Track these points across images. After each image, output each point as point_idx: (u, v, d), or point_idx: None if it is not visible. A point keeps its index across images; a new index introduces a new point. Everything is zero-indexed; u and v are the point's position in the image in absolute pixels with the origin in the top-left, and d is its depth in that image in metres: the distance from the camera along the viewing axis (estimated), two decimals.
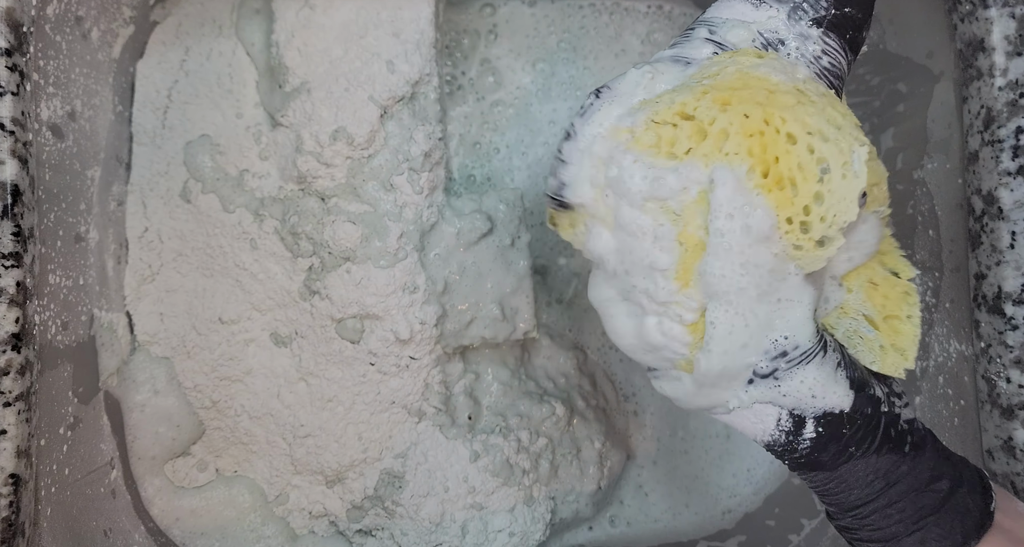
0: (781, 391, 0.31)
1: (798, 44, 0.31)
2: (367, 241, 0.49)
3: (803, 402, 0.31)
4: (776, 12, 0.31)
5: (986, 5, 0.40)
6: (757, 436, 0.32)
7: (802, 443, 0.31)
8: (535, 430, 0.54)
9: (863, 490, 0.31)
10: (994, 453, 0.41)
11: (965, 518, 0.31)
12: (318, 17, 0.48)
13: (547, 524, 0.53)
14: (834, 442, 0.31)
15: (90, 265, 0.47)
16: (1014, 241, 0.39)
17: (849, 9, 0.31)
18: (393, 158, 0.49)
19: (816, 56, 0.31)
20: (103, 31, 0.47)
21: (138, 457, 0.51)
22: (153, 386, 0.51)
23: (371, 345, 0.50)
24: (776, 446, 0.32)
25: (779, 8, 0.31)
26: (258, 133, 0.51)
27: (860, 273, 0.34)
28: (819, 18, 0.31)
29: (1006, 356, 0.40)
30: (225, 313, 0.51)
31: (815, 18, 0.31)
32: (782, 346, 0.31)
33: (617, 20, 0.59)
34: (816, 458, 0.31)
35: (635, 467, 0.60)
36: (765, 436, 0.32)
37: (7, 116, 0.36)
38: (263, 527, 0.52)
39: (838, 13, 0.31)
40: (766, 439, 0.32)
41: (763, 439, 0.32)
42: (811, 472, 0.32)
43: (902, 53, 0.49)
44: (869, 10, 0.32)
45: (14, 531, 0.36)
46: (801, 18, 0.31)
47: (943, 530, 0.31)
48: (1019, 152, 0.39)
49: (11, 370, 0.36)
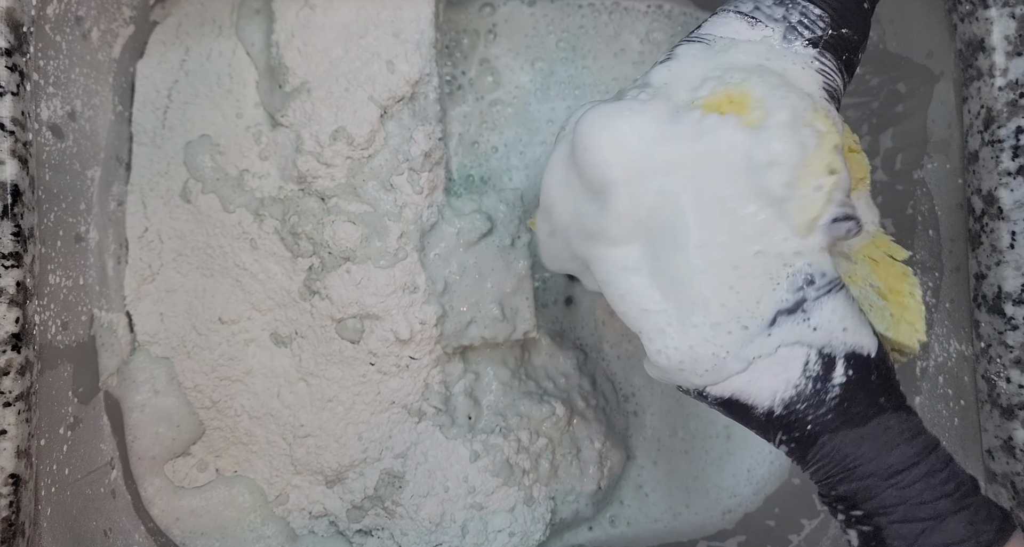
0: (811, 324, 0.29)
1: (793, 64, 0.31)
2: (367, 241, 0.49)
3: (834, 336, 0.29)
4: (771, 32, 0.31)
5: (986, 5, 0.40)
6: (777, 393, 0.29)
7: (831, 390, 0.28)
8: (535, 430, 0.54)
9: (905, 448, 0.28)
10: (994, 453, 0.41)
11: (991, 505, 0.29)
12: (318, 17, 0.48)
13: (547, 524, 0.53)
14: (863, 390, 0.28)
15: (90, 265, 0.47)
16: (1014, 241, 0.40)
17: (846, 30, 0.31)
18: (393, 158, 0.49)
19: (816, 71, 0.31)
20: (103, 31, 0.47)
21: (138, 457, 0.51)
22: (153, 386, 0.51)
23: (371, 345, 0.50)
24: (800, 401, 0.29)
25: (774, 28, 0.31)
26: (258, 133, 0.51)
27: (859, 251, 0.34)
28: (815, 38, 0.31)
29: (1006, 356, 0.40)
30: (225, 313, 0.51)
31: (811, 38, 0.31)
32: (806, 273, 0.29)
33: (616, 19, 0.59)
34: (846, 410, 0.28)
35: (635, 467, 0.60)
36: (788, 390, 0.29)
37: (7, 116, 0.36)
38: (263, 527, 0.52)
39: (835, 34, 0.31)
40: (789, 394, 0.29)
41: (785, 395, 0.29)
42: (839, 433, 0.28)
43: (902, 53, 0.49)
44: (865, 32, 0.32)
45: (14, 531, 0.36)
46: (796, 39, 0.31)
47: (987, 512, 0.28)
48: (1019, 152, 0.39)
49: (11, 370, 0.36)
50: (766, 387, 0.29)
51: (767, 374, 0.29)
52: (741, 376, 0.30)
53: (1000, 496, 0.41)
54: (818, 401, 0.29)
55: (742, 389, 0.30)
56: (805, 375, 0.29)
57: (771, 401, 0.29)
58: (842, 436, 0.28)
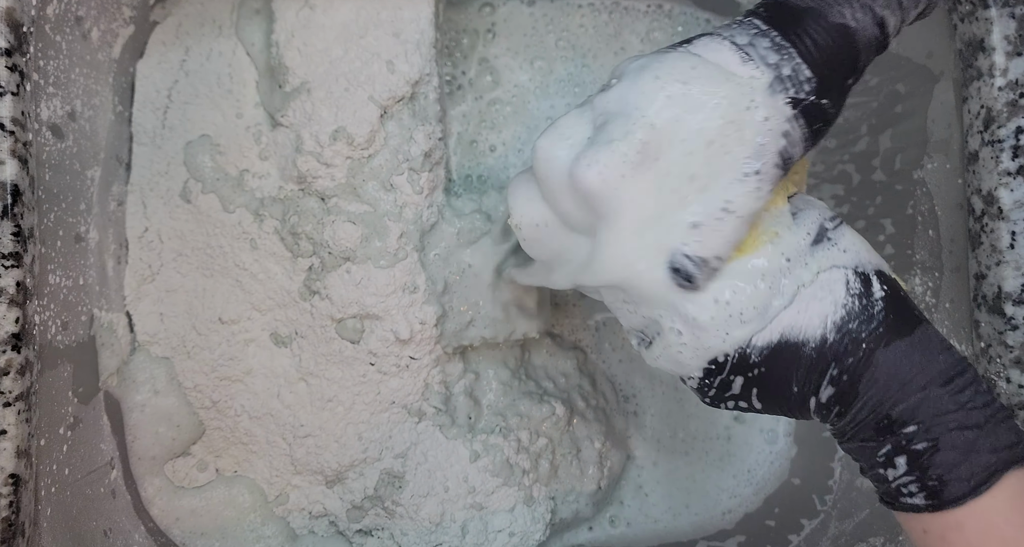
0: (841, 247, 0.31)
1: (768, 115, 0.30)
2: (367, 241, 0.49)
3: (861, 256, 0.31)
4: (760, 75, 0.31)
5: (986, 5, 0.40)
6: (828, 316, 0.30)
7: (876, 304, 0.30)
8: (535, 430, 0.54)
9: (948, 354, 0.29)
10: None
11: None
12: (318, 17, 0.48)
13: (547, 524, 0.53)
14: (899, 300, 0.30)
15: (90, 265, 0.47)
16: (1014, 241, 0.40)
17: (826, 102, 0.31)
18: (393, 158, 0.49)
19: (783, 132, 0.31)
20: (103, 31, 0.47)
21: (138, 457, 0.51)
22: (153, 386, 0.51)
23: (371, 345, 0.50)
24: (851, 320, 0.30)
25: (764, 71, 0.30)
26: (258, 133, 0.51)
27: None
28: (797, 100, 0.31)
29: (1006, 356, 0.40)
30: (225, 313, 0.51)
31: (793, 98, 0.30)
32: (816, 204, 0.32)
33: (616, 19, 0.59)
34: (893, 321, 0.29)
35: (635, 467, 0.60)
36: (838, 310, 0.30)
37: (7, 116, 0.36)
38: (263, 527, 0.52)
39: (816, 101, 0.31)
40: (840, 314, 0.30)
41: (836, 317, 0.30)
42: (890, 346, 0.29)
43: (902, 53, 0.49)
44: (840, 107, 0.32)
45: (14, 531, 0.36)
46: (781, 92, 0.30)
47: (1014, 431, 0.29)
48: (1019, 152, 0.39)
49: (11, 370, 0.36)
50: (816, 314, 0.30)
51: (813, 301, 0.30)
52: (788, 311, 0.30)
53: None
54: (868, 316, 0.30)
55: (791, 324, 0.30)
56: (849, 293, 0.30)
57: (823, 328, 0.30)
58: (894, 348, 0.29)
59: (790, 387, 0.31)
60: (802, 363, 0.31)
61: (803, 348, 0.30)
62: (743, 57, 0.31)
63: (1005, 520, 0.28)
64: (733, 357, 0.32)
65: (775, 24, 0.31)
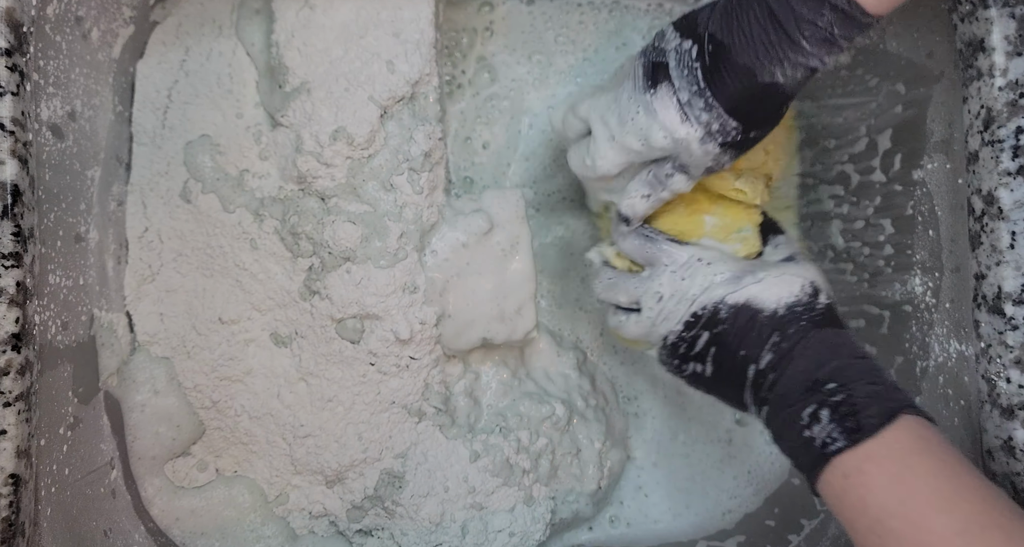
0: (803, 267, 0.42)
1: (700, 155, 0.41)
2: (367, 241, 0.49)
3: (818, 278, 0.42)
4: (694, 132, 0.40)
5: (986, 5, 0.40)
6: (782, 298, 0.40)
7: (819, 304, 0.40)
8: (535, 430, 0.54)
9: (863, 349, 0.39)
10: (994, 453, 0.41)
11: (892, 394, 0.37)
12: (318, 17, 0.48)
13: (547, 524, 0.53)
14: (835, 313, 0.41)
15: (90, 265, 0.47)
16: (1014, 241, 0.40)
17: (754, 133, 0.41)
18: (393, 158, 0.49)
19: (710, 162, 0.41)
20: (103, 31, 0.47)
21: (138, 457, 0.51)
22: (153, 386, 0.51)
23: (371, 345, 0.50)
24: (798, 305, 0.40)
25: (697, 129, 0.40)
26: (258, 133, 0.51)
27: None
28: (727, 142, 0.40)
29: (1006, 356, 0.40)
30: (225, 313, 0.51)
31: (722, 143, 0.40)
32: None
33: (617, 17, 0.59)
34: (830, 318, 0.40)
35: (635, 468, 0.60)
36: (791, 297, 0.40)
37: (7, 116, 0.36)
38: (263, 527, 0.52)
39: (743, 137, 0.40)
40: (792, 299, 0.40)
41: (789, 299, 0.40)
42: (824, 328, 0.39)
43: (902, 53, 0.49)
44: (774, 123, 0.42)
45: (14, 531, 0.36)
46: (710, 141, 0.40)
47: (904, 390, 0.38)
48: (1019, 152, 0.39)
49: (11, 370, 0.36)
50: (774, 294, 0.40)
51: (775, 285, 0.41)
52: (755, 285, 0.41)
53: None
54: (811, 307, 0.40)
55: (756, 294, 0.40)
56: (802, 291, 0.40)
57: (776, 304, 0.40)
58: (826, 331, 0.39)
59: (739, 349, 0.40)
60: (755, 326, 0.40)
61: (759, 314, 0.40)
62: (682, 117, 0.40)
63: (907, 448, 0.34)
64: (709, 310, 0.41)
65: (709, 80, 0.38)
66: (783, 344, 0.39)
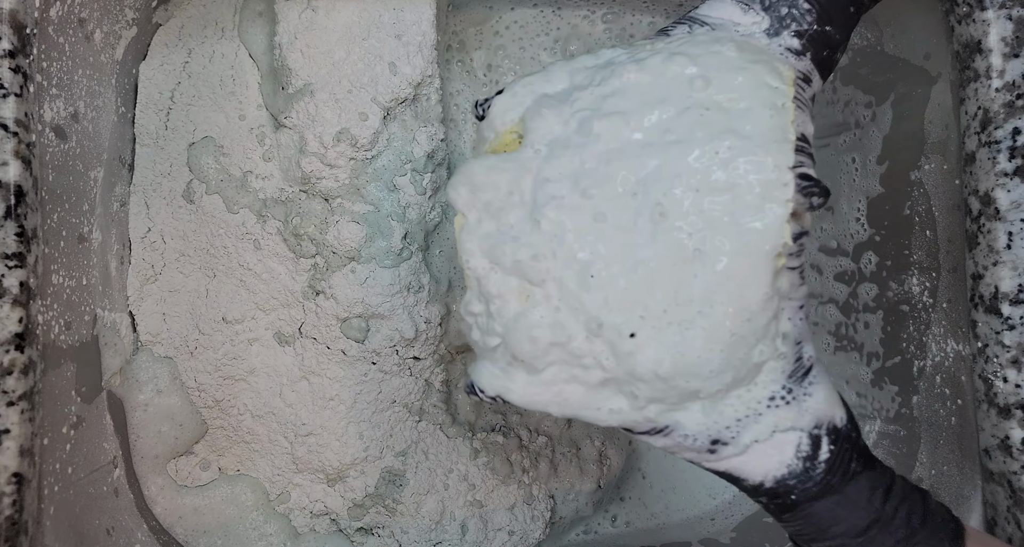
0: (806, 406, 0.30)
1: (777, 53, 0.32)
2: (371, 241, 0.49)
3: (820, 415, 0.30)
4: (760, 19, 0.33)
5: (983, 7, 0.40)
6: (770, 471, 0.31)
7: (818, 467, 0.30)
8: (535, 428, 0.54)
9: (868, 509, 0.30)
10: (991, 452, 0.41)
11: (944, 525, 0.31)
12: (321, 19, 0.48)
13: (547, 522, 0.53)
14: (842, 461, 0.30)
15: (93, 265, 0.47)
16: (1011, 241, 0.40)
17: (830, 28, 0.33)
18: (396, 159, 0.49)
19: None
20: (106, 33, 0.47)
21: (141, 456, 0.51)
22: (156, 385, 0.51)
23: (375, 344, 0.50)
24: (791, 478, 0.30)
25: (764, 16, 0.33)
26: (261, 135, 0.51)
27: None
28: (801, 31, 0.32)
29: (1003, 356, 0.40)
30: (229, 313, 0.51)
31: (797, 31, 0.32)
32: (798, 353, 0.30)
33: (627, 25, 0.59)
34: (829, 481, 0.30)
35: (635, 467, 0.61)
36: (781, 469, 0.30)
37: (11, 117, 0.37)
38: (265, 525, 0.53)
39: (819, 29, 0.32)
40: (782, 472, 0.30)
41: (777, 473, 0.31)
42: (819, 502, 0.30)
43: (899, 55, 0.49)
44: (848, 33, 0.33)
45: (17, 529, 0.37)
46: (783, 30, 0.32)
47: (935, 541, 0.30)
48: (1016, 153, 0.39)
49: (15, 370, 0.37)
50: (760, 466, 0.31)
51: (763, 456, 0.31)
52: (738, 457, 0.31)
53: (997, 495, 0.41)
54: (807, 477, 0.30)
55: (737, 467, 0.31)
56: (797, 456, 0.30)
57: (763, 477, 0.31)
58: (820, 503, 0.30)
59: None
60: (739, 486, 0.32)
61: (743, 482, 0.32)
62: (743, 8, 0.33)
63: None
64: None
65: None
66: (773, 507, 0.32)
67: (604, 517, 0.60)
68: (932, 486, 0.48)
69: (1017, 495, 0.40)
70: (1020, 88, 0.39)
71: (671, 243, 0.28)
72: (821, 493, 0.30)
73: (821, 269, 0.59)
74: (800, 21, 0.32)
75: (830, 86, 0.57)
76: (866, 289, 0.55)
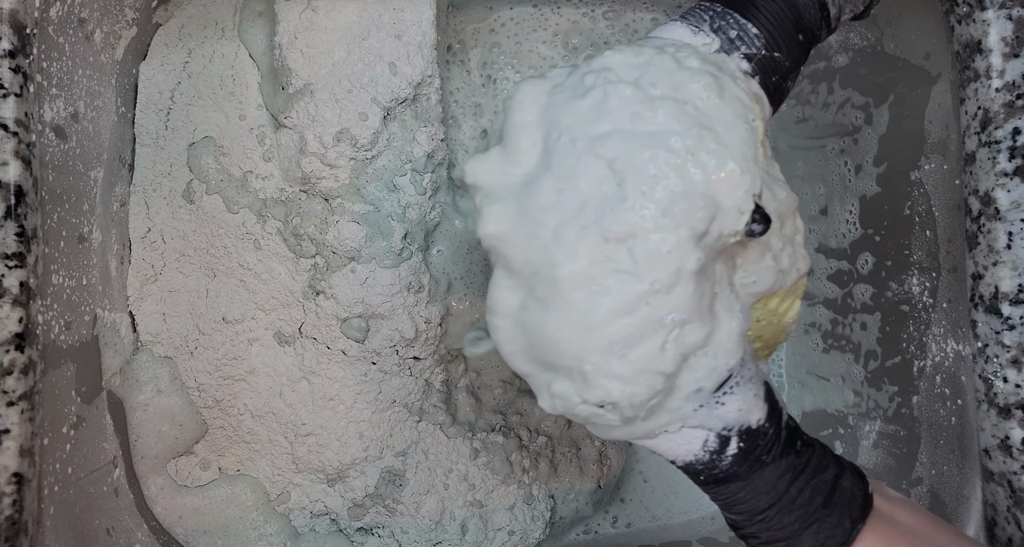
0: (716, 413, 0.32)
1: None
2: (371, 241, 0.49)
3: (731, 418, 0.32)
4: (711, 40, 0.33)
5: (983, 7, 0.40)
6: (679, 456, 0.33)
7: (725, 460, 0.32)
8: (535, 428, 0.54)
9: (770, 493, 0.32)
10: (991, 452, 0.41)
11: (851, 504, 0.32)
12: (321, 19, 0.48)
13: (547, 522, 0.53)
14: (750, 455, 0.32)
15: (93, 265, 0.47)
16: (1011, 242, 0.40)
17: (779, 54, 0.33)
18: (396, 159, 0.49)
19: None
20: (106, 33, 0.47)
21: (141, 456, 0.51)
22: (156, 385, 0.51)
23: (375, 344, 0.50)
24: (697, 465, 0.32)
25: (713, 37, 0.33)
26: (261, 135, 0.51)
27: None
28: (750, 54, 0.33)
29: (1003, 356, 0.40)
30: (229, 313, 0.51)
31: (747, 54, 0.33)
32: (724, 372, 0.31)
33: (628, 17, 0.59)
34: (735, 471, 0.32)
35: (635, 467, 0.61)
36: (688, 456, 0.32)
37: (11, 117, 0.37)
38: (265, 525, 0.53)
39: (768, 55, 0.33)
40: (688, 459, 0.32)
41: (685, 459, 0.33)
42: (724, 485, 0.33)
43: (899, 55, 0.49)
44: (798, 62, 0.34)
45: (17, 529, 0.37)
46: (733, 51, 0.33)
47: (835, 519, 0.32)
48: (1016, 153, 0.39)
49: (15, 370, 0.37)
50: (670, 450, 0.33)
51: (671, 443, 0.33)
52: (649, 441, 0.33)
53: (997, 495, 0.41)
54: (712, 466, 0.32)
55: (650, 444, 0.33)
56: (704, 449, 0.32)
57: (673, 458, 0.33)
58: (726, 487, 0.33)
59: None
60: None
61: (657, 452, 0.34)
62: (693, 30, 0.33)
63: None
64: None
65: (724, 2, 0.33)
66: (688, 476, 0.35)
67: (604, 518, 0.60)
68: (932, 486, 0.48)
69: (1017, 495, 0.40)
70: (1020, 88, 0.39)
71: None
72: (727, 479, 0.32)
73: (813, 270, 0.59)
74: (750, 45, 0.33)
75: (826, 87, 0.57)
76: (861, 290, 0.55)
